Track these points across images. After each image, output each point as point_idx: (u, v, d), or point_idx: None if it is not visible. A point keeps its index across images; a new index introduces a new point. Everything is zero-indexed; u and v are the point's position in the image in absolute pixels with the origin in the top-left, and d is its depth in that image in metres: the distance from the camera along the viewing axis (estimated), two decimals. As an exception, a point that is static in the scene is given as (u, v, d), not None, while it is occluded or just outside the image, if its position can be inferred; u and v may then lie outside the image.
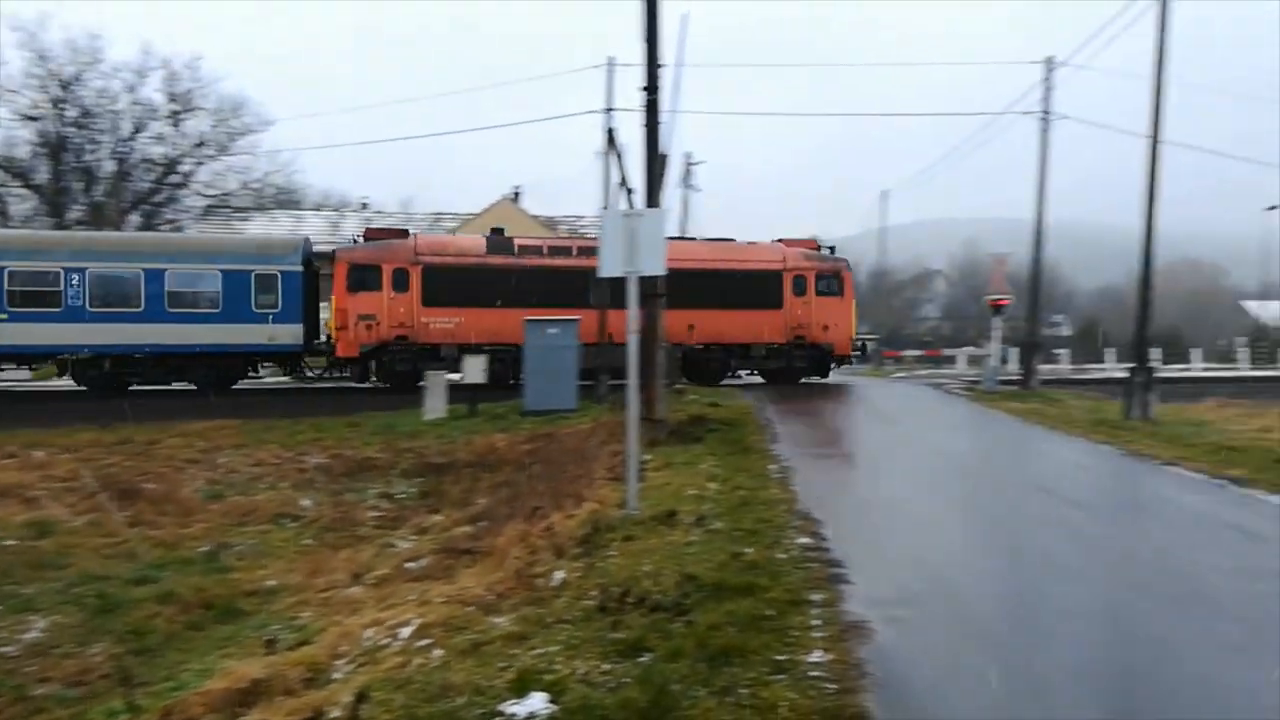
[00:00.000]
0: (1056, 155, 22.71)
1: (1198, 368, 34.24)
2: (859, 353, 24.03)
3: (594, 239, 17.23)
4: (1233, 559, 6.69)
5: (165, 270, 19.23)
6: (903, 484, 10.01)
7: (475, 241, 21.81)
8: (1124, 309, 37.05)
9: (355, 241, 21.27)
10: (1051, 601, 5.75)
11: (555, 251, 21.58)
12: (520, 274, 20.33)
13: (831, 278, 22.70)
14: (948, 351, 36.96)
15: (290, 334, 19.80)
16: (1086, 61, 20.13)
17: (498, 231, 22.29)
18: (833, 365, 23.22)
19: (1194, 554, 6.94)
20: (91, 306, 18.86)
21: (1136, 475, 11.02)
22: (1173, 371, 29.39)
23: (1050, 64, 22.58)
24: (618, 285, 8.53)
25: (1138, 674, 4.60)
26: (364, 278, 19.61)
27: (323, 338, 20.97)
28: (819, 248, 23.30)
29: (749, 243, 23.27)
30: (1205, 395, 18.83)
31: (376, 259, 19.83)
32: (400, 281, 19.64)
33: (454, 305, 20.00)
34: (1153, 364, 17.07)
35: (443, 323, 19.93)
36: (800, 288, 22.30)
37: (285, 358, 20.95)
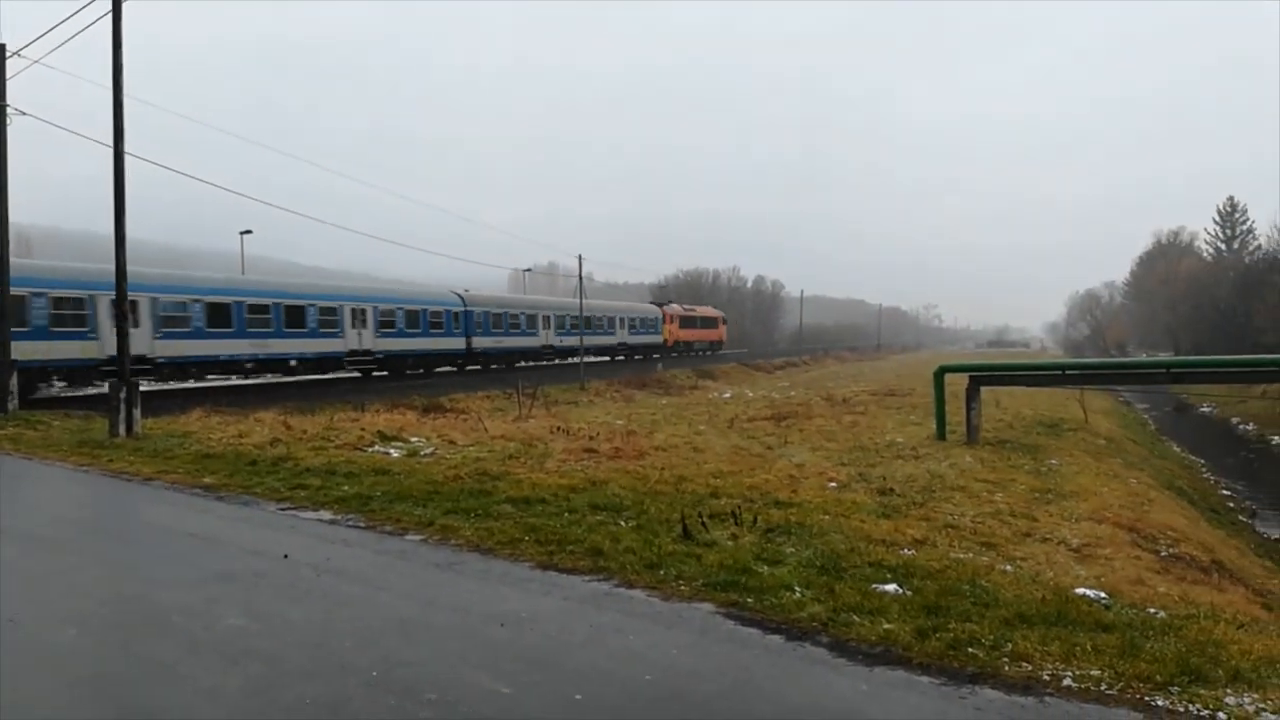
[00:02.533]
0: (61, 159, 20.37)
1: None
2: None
3: (691, 304, 77.40)
4: (189, 569, 6.76)
5: (621, 318, 58.12)
6: None
7: (681, 305, 71.99)
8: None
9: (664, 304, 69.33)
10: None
11: (691, 309, 72.64)
12: (688, 317, 68.75)
13: (657, 320, 64.10)
14: None
15: (656, 339, 62.29)
16: (44, 56, 18.17)
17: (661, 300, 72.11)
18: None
19: (153, 571, 6.80)
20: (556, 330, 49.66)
21: (112, 496, 10.51)
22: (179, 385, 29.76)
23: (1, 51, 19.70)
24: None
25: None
26: (668, 317, 64.23)
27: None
28: (664, 304, 68.99)
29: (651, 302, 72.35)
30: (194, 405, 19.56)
31: (669, 314, 64.70)
32: (676, 320, 65.30)
33: (685, 329, 66.91)
34: (137, 379, 16.80)
35: (682, 334, 65.97)
36: (665, 323, 65.06)
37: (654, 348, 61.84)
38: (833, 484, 11.13)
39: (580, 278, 52.42)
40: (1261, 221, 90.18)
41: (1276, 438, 33.24)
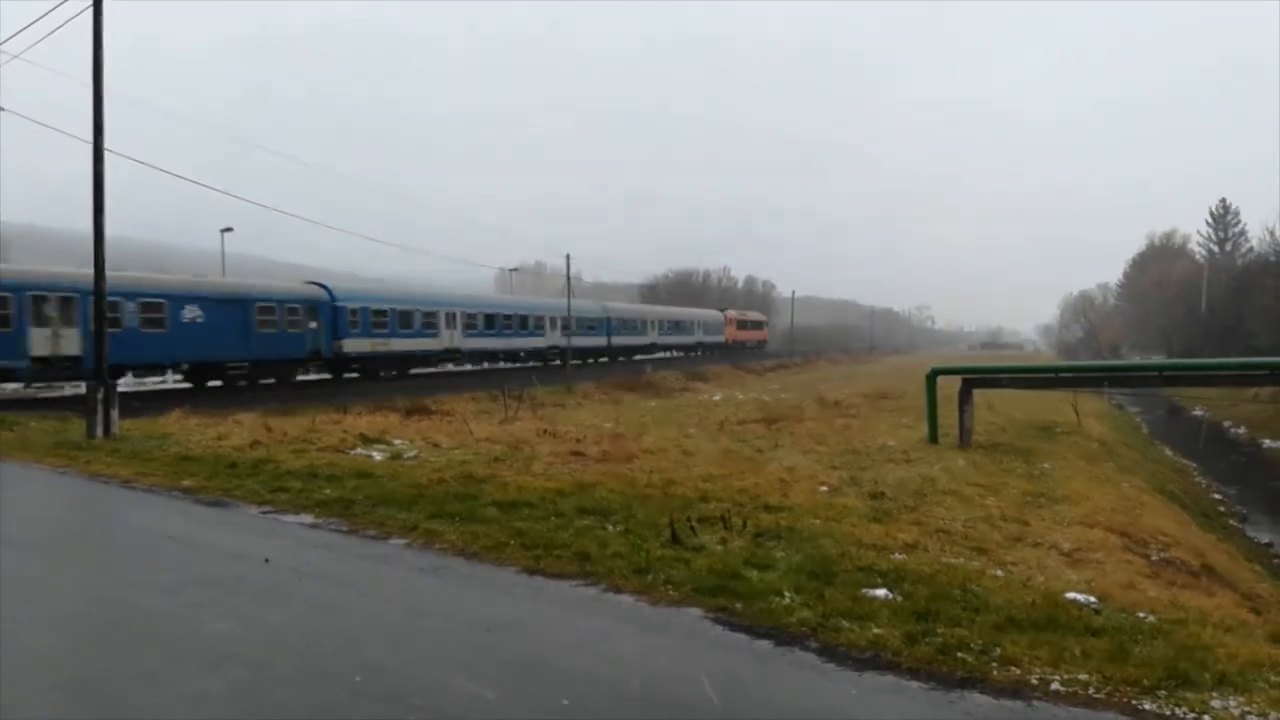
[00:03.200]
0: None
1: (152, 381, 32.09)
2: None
3: (743, 309, 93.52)
4: (170, 572, 6.67)
5: (697, 321, 74.11)
6: None
7: (736, 310, 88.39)
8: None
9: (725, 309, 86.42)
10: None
11: (744, 314, 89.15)
12: (741, 321, 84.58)
13: (721, 323, 77.99)
14: None
15: (720, 339, 76.67)
16: (27, 53, 17.82)
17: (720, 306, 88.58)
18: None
19: (133, 574, 6.71)
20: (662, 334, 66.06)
21: (91, 498, 10.39)
22: (150, 386, 29.67)
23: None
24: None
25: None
26: (728, 320, 79.92)
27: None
28: (724, 310, 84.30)
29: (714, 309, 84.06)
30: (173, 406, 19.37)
31: (729, 318, 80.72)
32: (734, 323, 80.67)
33: (740, 330, 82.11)
34: (117, 380, 16.64)
35: (738, 334, 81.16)
36: (726, 325, 79.41)
37: (718, 346, 76.62)
38: (824, 488, 11.08)
39: (569, 278, 52.36)
40: (1254, 224, 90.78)
41: (1268, 441, 33.37)
